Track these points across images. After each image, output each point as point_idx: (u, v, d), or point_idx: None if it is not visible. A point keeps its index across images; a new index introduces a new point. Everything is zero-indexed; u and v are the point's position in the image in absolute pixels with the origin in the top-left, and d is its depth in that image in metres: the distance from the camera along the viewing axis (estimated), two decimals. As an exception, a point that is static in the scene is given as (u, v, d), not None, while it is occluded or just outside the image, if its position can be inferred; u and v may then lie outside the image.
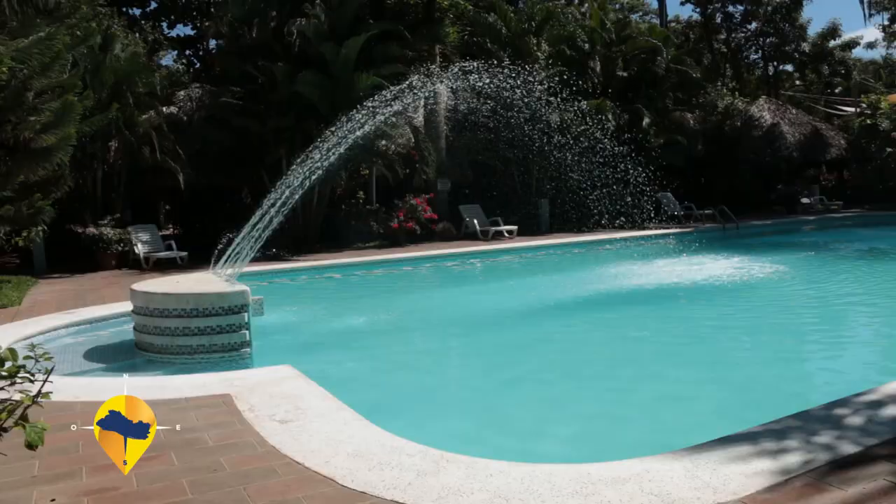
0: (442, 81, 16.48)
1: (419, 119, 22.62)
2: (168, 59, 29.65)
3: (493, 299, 13.52)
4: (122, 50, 18.70)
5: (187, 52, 33.12)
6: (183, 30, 34.23)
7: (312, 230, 20.48)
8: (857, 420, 4.59)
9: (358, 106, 13.14)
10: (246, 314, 8.16)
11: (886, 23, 44.73)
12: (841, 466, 3.88)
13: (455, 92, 19.36)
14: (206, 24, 28.45)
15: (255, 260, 10.35)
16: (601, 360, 8.81)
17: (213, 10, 27.05)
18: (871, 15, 42.29)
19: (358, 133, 11.89)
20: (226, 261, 10.09)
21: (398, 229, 20.66)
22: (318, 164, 11.17)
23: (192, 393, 5.91)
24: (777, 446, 4.18)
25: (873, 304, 12.37)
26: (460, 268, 17.92)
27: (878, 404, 4.88)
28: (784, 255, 17.29)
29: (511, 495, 3.74)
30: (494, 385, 7.78)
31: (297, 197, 10.63)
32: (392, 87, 14.21)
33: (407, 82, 14.10)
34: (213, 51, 29.57)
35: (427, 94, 16.63)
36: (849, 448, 4.12)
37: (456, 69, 14.56)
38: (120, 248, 17.32)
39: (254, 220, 10.01)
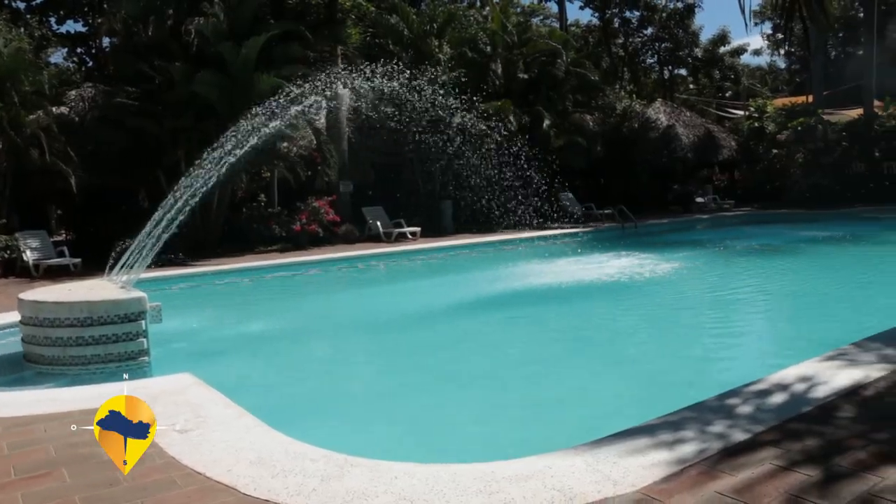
0: (344, 83, 16.35)
1: (321, 121, 22.41)
2: (57, 56, 28.35)
3: (395, 301, 13.53)
4: (4, 45, 17.82)
5: (78, 49, 31.77)
6: (73, 26, 32.84)
7: (213, 233, 20.02)
8: (746, 409, 4.79)
9: (258, 107, 12.89)
10: (143, 322, 7.91)
11: (770, 31, 47.00)
12: (732, 454, 4.04)
13: (357, 93, 19.26)
14: (99, 20, 27.41)
15: (152, 265, 10.02)
16: (501, 358, 8.91)
17: (105, 6, 26.03)
18: (755, 24, 44.30)
19: (255, 140, 11.62)
20: (121, 267, 9.74)
21: (301, 232, 20.42)
22: (216, 170, 10.88)
23: (87, 405, 5.66)
24: (673, 437, 4.32)
25: (762, 297, 12.96)
26: (363, 270, 17.84)
27: (766, 393, 5.11)
28: (680, 252, 17.91)
29: (416, 497, 3.74)
30: (396, 387, 7.78)
31: (195, 200, 10.34)
32: (293, 88, 14.01)
33: (308, 83, 13.92)
34: (107, 49, 28.46)
35: (329, 95, 16.45)
36: (739, 436, 4.29)
37: (358, 70, 14.48)
38: (6, 256, 16.47)
39: (151, 223, 9.69)
